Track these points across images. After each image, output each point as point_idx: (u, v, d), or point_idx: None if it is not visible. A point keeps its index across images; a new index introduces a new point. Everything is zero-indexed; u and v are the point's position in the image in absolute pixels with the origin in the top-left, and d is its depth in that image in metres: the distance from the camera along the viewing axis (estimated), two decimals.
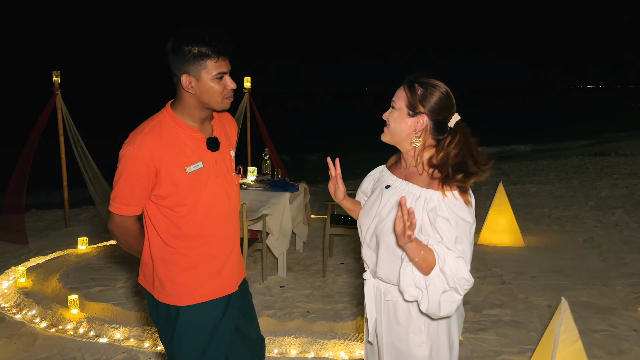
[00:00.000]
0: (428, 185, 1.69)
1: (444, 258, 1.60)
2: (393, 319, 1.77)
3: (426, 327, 1.73)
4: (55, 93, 5.80)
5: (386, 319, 1.80)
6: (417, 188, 1.71)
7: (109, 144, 6.33)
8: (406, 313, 1.74)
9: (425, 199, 1.66)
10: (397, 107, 1.75)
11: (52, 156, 6.28)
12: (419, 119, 1.72)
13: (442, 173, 1.67)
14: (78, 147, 6.01)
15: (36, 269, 4.53)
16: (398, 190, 1.76)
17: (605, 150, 14.96)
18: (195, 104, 1.81)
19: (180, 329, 1.86)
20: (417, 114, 1.71)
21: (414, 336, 1.73)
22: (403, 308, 1.75)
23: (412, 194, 1.70)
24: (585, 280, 4.27)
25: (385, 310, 1.80)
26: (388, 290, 1.78)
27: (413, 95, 1.71)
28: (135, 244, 1.94)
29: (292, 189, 4.52)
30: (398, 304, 1.76)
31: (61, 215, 6.74)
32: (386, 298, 1.79)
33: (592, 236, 5.52)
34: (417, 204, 1.67)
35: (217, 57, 1.74)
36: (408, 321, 1.74)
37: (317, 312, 3.77)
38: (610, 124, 26.74)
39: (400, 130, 1.75)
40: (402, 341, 1.76)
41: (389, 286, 1.78)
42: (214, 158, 1.88)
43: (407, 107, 1.72)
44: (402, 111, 1.73)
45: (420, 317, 1.73)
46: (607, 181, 8.70)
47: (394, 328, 1.77)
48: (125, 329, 3.43)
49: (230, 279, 1.96)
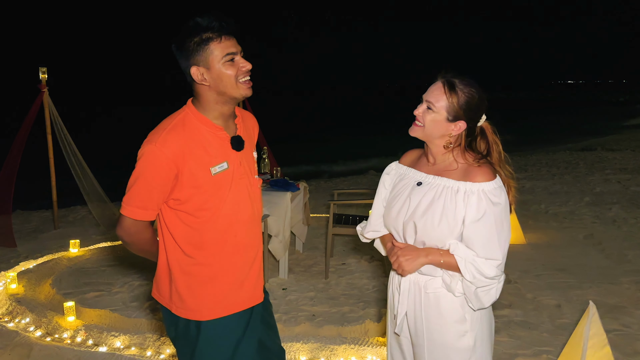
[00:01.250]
0: (464, 178, 1.67)
1: (464, 263, 1.61)
2: (435, 312, 1.73)
3: (470, 316, 1.71)
4: (42, 90, 5.60)
5: (426, 313, 1.75)
6: (454, 182, 1.68)
7: (99, 142, 6.24)
8: (449, 304, 1.71)
9: (465, 192, 1.64)
10: (435, 110, 1.69)
11: (39, 155, 6.07)
12: (458, 124, 1.71)
13: (475, 163, 1.70)
14: (67, 145, 5.82)
15: (27, 274, 4.35)
16: (433, 186, 1.72)
17: (592, 145, 15.09)
18: (214, 98, 1.69)
19: (202, 346, 1.74)
20: (457, 120, 1.69)
21: (458, 326, 1.71)
22: (447, 299, 1.72)
23: (450, 188, 1.67)
24: (590, 278, 4.23)
25: (426, 303, 1.75)
26: (429, 283, 1.74)
27: (455, 100, 1.67)
28: (149, 248, 1.81)
29: (293, 189, 4.41)
30: (441, 296, 1.72)
31: (48, 217, 6.54)
32: (427, 291, 1.74)
33: (592, 233, 5.50)
34: (457, 197, 1.65)
35: (219, 37, 1.63)
36: (452, 312, 1.71)
37: (323, 316, 3.67)
38: (589, 117, 27.00)
39: (437, 132, 1.72)
40: (445, 334, 1.72)
41: (430, 278, 1.73)
42: (239, 159, 1.76)
43: (447, 112, 1.69)
44: (440, 115, 1.69)
45: (465, 306, 1.71)
46: (600, 176, 8.73)
47: (436, 321, 1.73)
48: (126, 337, 3.29)
49: (254, 290, 1.84)
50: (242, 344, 1.78)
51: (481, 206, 1.61)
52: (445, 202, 1.66)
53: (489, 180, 1.63)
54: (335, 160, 14.81)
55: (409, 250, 1.71)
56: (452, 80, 1.68)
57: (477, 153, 1.73)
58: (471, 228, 1.61)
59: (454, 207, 1.64)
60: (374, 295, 4.03)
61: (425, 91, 1.74)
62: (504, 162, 1.75)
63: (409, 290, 1.78)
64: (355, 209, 6.27)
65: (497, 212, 1.61)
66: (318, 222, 5.99)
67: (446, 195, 1.67)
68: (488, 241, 1.60)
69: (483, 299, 1.63)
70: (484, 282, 1.61)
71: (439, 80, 1.70)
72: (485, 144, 1.75)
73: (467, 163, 1.71)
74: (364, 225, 1.99)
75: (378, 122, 26.76)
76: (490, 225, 1.60)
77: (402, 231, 1.76)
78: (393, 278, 1.90)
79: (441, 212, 1.65)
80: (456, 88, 1.66)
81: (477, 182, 1.63)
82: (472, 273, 1.60)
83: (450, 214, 1.64)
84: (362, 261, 4.78)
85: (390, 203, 1.83)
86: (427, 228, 1.67)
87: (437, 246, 1.68)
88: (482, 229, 1.60)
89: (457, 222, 1.63)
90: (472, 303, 1.66)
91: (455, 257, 1.62)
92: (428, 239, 1.69)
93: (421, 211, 1.70)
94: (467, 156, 1.73)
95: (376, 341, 3.23)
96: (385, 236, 1.92)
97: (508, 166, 1.75)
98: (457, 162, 1.72)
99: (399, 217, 1.77)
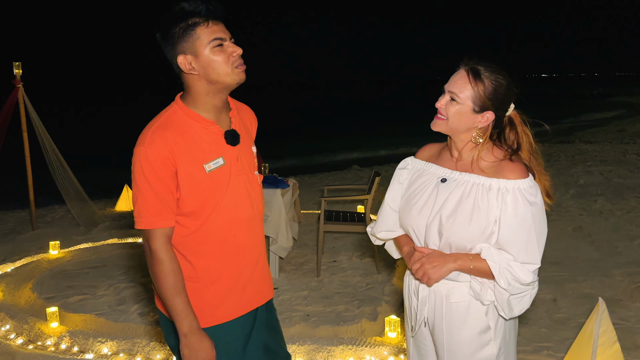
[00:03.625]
0: (496, 174, 1.54)
1: (499, 269, 1.49)
2: (458, 323, 1.60)
3: (494, 323, 1.59)
4: (17, 86, 5.38)
5: (448, 324, 1.61)
6: (485, 179, 1.54)
7: (76, 138, 6.00)
8: (475, 314, 1.59)
9: (499, 190, 1.51)
10: (460, 101, 1.55)
11: (14, 153, 5.83)
12: (485, 115, 1.57)
13: (506, 158, 1.57)
14: (44, 142, 5.59)
15: (5, 277, 4.16)
16: (461, 183, 1.58)
17: (570, 138, 15.25)
18: (205, 88, 1.57)
19: None
20: (484, 111, 1.55)
21: (483, 335, 1.59)
22: (472, 309, 1.59)
23: (481, 185, 1.54)
24: (584, 271, 4.21)
25: (448, 314, 1.61)
26: (452, 291, 1.60)
27: (481, 89, 1.53)
28: (163, 288, 1.55)
29: (282, 185, 4.29)
30: (466, 306, 1.59)
31: (26, 217, 6.31)
32: (451, 300, 1.60)
33: (580, 225, 5.51)
34: (489, 195, 1.52)
35: (206, 21, 1.52)
36: (476, 322, 1.59)
37: (317, 315, 3.58)
38: (565, 111, 27.33)
39: (462, 125, 1.58)
40: (468, 344, 1.60)
41: (454, 286, 1.60)
42: (235, 154, 1.64)
43: (473, 103, 1.55)
44: (466, 106, 1.55)
45: (489, 314, 1.59)
46: (582, 168, 8.80)
47: (458, 332, 1.60)
48: (113, 343, 3.14)
49: (258, 291, 1.73)
50: (248, 351, 1.67)
51: (518, 206, 1.48)
52: (476, 200, 1.52)
53: (524, 177, 1.51)
54: (314, 154, 14.75)
55: (435, 256, 1.56)
56: (477, 67, 1.54)
57: (506, 146, 1.61)
58: (508, 230, 1.49)
59: (486, 206, 1.51)
60: (368, 293, 3.95)
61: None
62: (536, 154, 1.62)
63: (429, 298, 1.65)
64: (343, 205, 6.20)
65: (535, 212, 1.50)
66: (307, 219, 5.89)
67: (476, 193, 1.53)
68: (527, 244, 1.49)
69: (515, 307, 1.52)
70: (519, 289, 1.49)
71: (462, 68, 1.57)
72: (514, 135, 1.62)
73: (496, 158, 1.58)
74: (374, 225, 1.84)
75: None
76: (529, 227, 1.49)
77: (424, 232, 1.62)
78: (410, 282, 1.75)
79: (471, 211, 1.52)
80: (481, 75, 1.53)
81: (511, 180, 1.51)
82: (507, 279, 1.48)
83: (482, 213, 1.51)
84: (354, 258, 4.70)
85: (410, 201, 1.67)
86: (456, 228, 1.54)
87: (466, 249, 1.55)
88: (521, 230, 1.48)
89: (489, 223, 1.51)
90: (504, 312, 1.54)
91: (487, 262, 1.50)
92: (456, 240, 1.55)
93: (449, 210, 1.56)
94: (496, 150, 1.60)
95: (374, 341, 3.15)
96: (401, 238, 1.77)
97: (540, 159, 1.62)
98: (485, 156, 1.59)
99: (420, 217, 1.62)
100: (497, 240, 1.51)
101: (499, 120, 1.60)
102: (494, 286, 1.53)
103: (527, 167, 1.57)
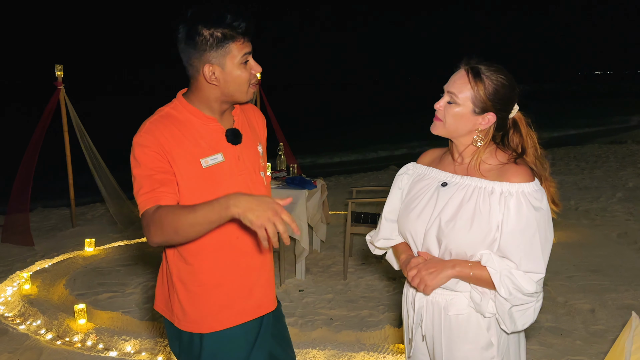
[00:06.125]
0: (499, 177, 1.45)
1: (499, 277, 1.40)
2: (458, 338, 1.51)
3: (497, 339, 1.50)
4: (58, 88, 5.55)
5: (447, 338, 1.52)
6: (487, 182, 1.46)
7: (117, 139, 6.16)
8: (476, 328, 1.49)
9: (502, 193, 1.42)
10: (459, 102, 1.47)
11: (57, 153, 6.04)
12: (486, 117, 1.48)
13: (510, 161, 1.49)
14: (85, 142, 5.77)
15: (42, 273, 4.29)
16: (462, 187, 1.50)
17: (622, 138, 14.54)
18: (217, 97, 1.55)
19: None
20: (484, 112, 1.47)
21: (485, 352, 1.49)
22: (473, 322, 1.50)
23: (483, 189, 1.45)
24: (627, 281, 3.97)
25: (447, 327, 1.52)
26: (451, 303, 1.51)
27: (481, 90, 1.45)
28: (185, 220, 1.37)
29: (309, 186, 4.25)
30: (466, 319, 1.50)
31: (67, 214, 6.52)
32: (450, 313, 1.51)
33: (626, 231, 5.22)
34: (491, 199, 1.43)
35: (242, 38, 1.48)
36: (478, 337, 1.49)
37: (341, 320, 3.51)
38: (616, 109, 26.10)
39: (462, 127, 1.50)
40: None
41: (453, 297, 1.51)
42: (236, 153, 1.59)
43: (473, 104, 1.46)
44: (465, 107, 1.47)
45: (491, 329, 1.49)
46: (632, 171, 8.36)
47: (459, 347, 1.51)
48: (137, 341, 3.18)
49: (264, 297, 1.68)
50: (252, 358, 1.63)
51: (522, 211, 1.39)
52: (478, 205, 1.44)
53: (529, 180, 1.42)
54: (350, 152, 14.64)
55: (432, 262, 1.48)
56: (477, 67, 1.46)
57: (510, 149, 1.52)
58: (510, 236, 1.39)
59: (487, 210, 1.42)
60: (395, 297, 3.85)
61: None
62: (542, 158, 1.52)
63: (426, 310, 1.56)
64: (375, 207, 6.10)
65: (540, 218, 1.40)
66: (337, 220, 5.83)
67: (478, 197, 1.45)
68: (530, 251, 1.39)
69: (518, 320, 1.42)
70: (520, 300, 1.40)
71: (462, 68, 1.49)
72: (518, 137, 1.53)
73: (500, 161, 1.49)
74: (374, 233, 1.76)
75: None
76: (533, 233, 1.39)
77: (422, 238, 1.54)
78: (407, 292, 1.67)
79: (472, 215, 1.44)
80: (482, 75, 1.44)
81: (515, 183, 1.41)
82: (508, 288, 1.38)
83: (484, 218, 1.42)
84: (383, 261, 4.60)
85: (409, 206, 1.60)
86: (455, 234, 1.45)
87: (466, 256, 1.46)
88: (524, 237, 1.39)
89: (492, 228, 1.42)
90: (506, 325, 1.44)
91: (488, 270, 1.40)
92: (456, 246, 1.46)
93: (448, 215, 1.48)
94: (500, 153, 1.52)
95: (396, 348, 3.06)
96: (399, 246, 1.69)
97: (545, 164, 1.52)
98: (488, 160, 1.50)
99: (419, 222, 1.54)
100: (499, 247, 1.42)
101: (502, 122, 1.51)
102: (495, 296, 1.44)
103: (533, 171, 1.47)
